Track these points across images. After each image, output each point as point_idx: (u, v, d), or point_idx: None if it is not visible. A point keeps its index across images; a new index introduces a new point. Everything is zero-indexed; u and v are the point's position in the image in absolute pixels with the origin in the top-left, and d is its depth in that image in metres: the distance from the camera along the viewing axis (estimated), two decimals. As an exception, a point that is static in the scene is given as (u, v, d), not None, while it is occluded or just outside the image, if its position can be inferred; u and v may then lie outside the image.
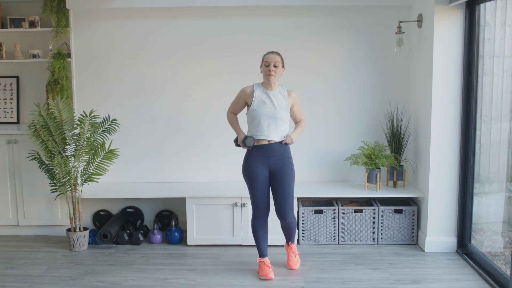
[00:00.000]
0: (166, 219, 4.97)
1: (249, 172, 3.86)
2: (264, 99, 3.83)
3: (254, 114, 3.82)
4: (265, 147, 3.82)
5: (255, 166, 3.84)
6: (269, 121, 3.79)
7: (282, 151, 3.85)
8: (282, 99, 3.87)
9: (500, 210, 4.51)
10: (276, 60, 3.79)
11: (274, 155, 3.83)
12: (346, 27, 4.80)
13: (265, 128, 3.79)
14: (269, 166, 3.84)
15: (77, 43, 4.84)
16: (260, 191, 3.86)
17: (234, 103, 3.98)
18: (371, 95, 4.88)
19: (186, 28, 4.83)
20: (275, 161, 3.83)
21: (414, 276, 3.94)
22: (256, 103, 3.83)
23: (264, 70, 3.82)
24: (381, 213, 4.56)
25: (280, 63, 3.82)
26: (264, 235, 3.98)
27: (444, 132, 4.27)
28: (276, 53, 3.86)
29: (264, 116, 3.79)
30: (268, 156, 3.83)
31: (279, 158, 3.84)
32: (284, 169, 3.84)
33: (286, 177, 3.85)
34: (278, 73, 3.82)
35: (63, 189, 4.41)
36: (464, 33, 4.15)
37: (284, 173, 3.84)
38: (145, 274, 4.01)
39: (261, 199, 3.88)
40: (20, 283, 3.89)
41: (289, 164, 3.88)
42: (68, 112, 4.37)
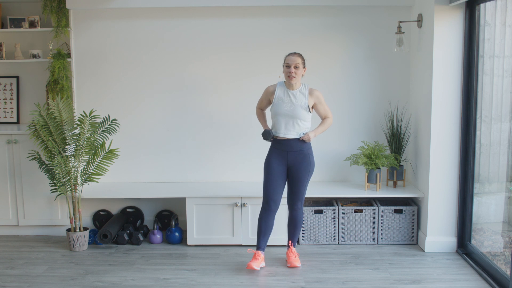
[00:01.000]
0: (166, 219, 4.97)
1: (267, 164, 4.07)
2: (284, 97, 4.00)
3: (273, 111, 4.02)
4: (283, 142, 4.00)
5: (273, 159, 4.04)
6: (287, 119, 3.96)
7: (301, 147, 4.00)
8: (302, 98, 3.99)
9: (500, 210, 4.51)
10: (297, 62, 3.95)
11: (292, 151, 3.99)
12: (346, 27, 4.80)
13: (283, 126, 3.97)
14: (287, 161, 4.02)
15: (77, 43, 4.84)
16: (272, 183, 4.02)
17: (260, 100, 4.22)
18: (371, 95, 4.88)
19: (186, 28, 4.83)
20: (293, 156, 4.00)
21: (414, 276, 3.95)
22: (276, 102, 4.01)
23: (285, 71, 3.99)
24: (381, 213, 4.56)
25: (301, 64, 3.97)
26: (266, 230, 4.07)
27: (444, 132, 4.27)
28: (297, 54, 4.00)
29: (282, 114, 3.97)
30: (287, 151, 4.01)
31: (298, 153, 4.00)
32: (302, 164, 4.01)
33: (301, 172, 4.01)
34: (298, 74, 3.97)
35: (63, 189, 4.41)
36: (464, 33, 4.15)
37: (300, 168, 4.01)
38: (145, 274, 4.01)
39: (271, 191, 4.03)
40: (20, 283, 3.89)
41: (307, 160, 4.03)
42: (68, 112, 4.37)
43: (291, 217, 4.14)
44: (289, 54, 4.01)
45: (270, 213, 4.05)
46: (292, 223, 4.15)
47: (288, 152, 3.99)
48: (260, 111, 4.24)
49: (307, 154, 4.02)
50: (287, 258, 4.14)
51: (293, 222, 4.14)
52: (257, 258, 4.04)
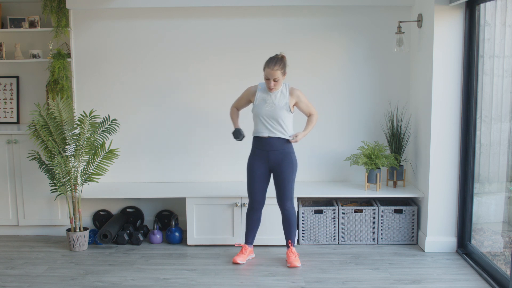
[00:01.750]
0: (166, 219, 4.97)
1: (249, 166, 4.13)
2: (265, 98, 4.03)
3: (255, 112, 4.06)
4: (264, 142, 4.02)
5: (255, 160, 4.10)
6: (268, 119, 4.00)
7: (282, 146, 4.04)
8: (283, 98, 4.02)
9: (500, 210, 4.51)
10: (276, 76, 3.93)
11: (273, 150, 4.03)
12: (346, 27, 4.80)
13: (265, 126, 4.01)
14: (269, 161, 4.05)
15: (77, 43, 4.84)
16: (256, 184, 4.11)
17: (238, 99, 4.25)
18: (371, 95, 4.88)
19: (187, 28, 4.83)
20: (274, 155, 4.04)
21: (414, 276, 3.95)
22: (257, 102, 4.04)
23: (266, 82, 4.01)
24: (381, 213, 4.56)
25: (281, 76, 3.95)
26: (252, 225, 4.22)
27: (444, 132, 4.27)
28: (277, 66, 3.91)
29: (263, 115, 4.00)
30: (267, 151, 4.03)
31: (279, 153, 4.04)
32: (284, 163, 4.05)
33: (285, 171, 4.05)
34: (278, 85, 4.00)
35: (63, 189, 4.41)
36: (464, 33, 4.15)
37: (283, 167, 4.05)
38: (145, 274, 4.01)
39: (255, 191, 4.13)
40: (20, 283, 3.89)
41: (290, 158, 4.06)
42: (68, 112, 4.38)
43: (284, 217, 4.17)
44: (268, 65, 3.92)
45: (256, 212, 4.19)
46: (286, 223, 4.17)
47: (269, 152, 4.03)
48: (235, 110, 4.26)
49: (289, 152, 4.06)
50: (287, 258, 4.14)
51: (287, 222, 4.16)
52: (244, 253, 4.21)
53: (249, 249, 4.24)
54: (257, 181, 4.10)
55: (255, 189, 4.12)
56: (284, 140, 4.03)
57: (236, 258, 4.17)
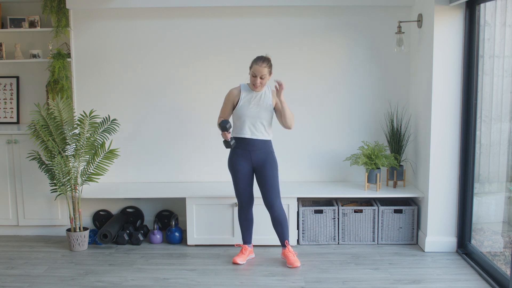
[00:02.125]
0: (166, 219, 4.97)
1: (232, 166, 4.11)
2: (250, 99, 4.02)
3: (239, 113, 4.02)
4: (247, 141, 4.03)
5: (238, 160, 4.07)
6: (252, 120, 4.00)
7: (264, 146, 4.06)
8: (267, 99, 4.04)
9: (500, 210, 4.51)
10: (263, 73, 3.92)
11: (256, 150, 4.04)
12: (346, 27, 4.80)
13: (249, 127, 4.01)
14: (252, 161, 4.06)
15: (77, 43, 4.84)
16: (242, 184, 4.12)
17: (223, 108, 4.13)
18: (371, 95, 4.88)
19: (187, 28, 4.83)
20: (257, 155, 4.05)
21: (414, 276, 3.95)
22: (242, 103, 4.02)
23: (251, 79, 3.99)
24: (381, 213, 4.56)
25: (267, 74, 3.95)
26: (247, 225, 4.24)
27: (444, 132, 4.27)
28: (265, 63, 3.93)
29: (248, 116, 4.00)
30: (250, 151, 4.04)
31: (261, 152, 4.06)
32: (267, 162, 4.06)
33: (270, 169, 4.06)
34: (264, 84, 3.99)
35: (63, 189, 4.41)
36: (464, 33, 4.15)
37: (267, 166, 4.06)
38: (145, 274, 4.01)
39: (243, 191, 4.14)
40: (20, 283, 3.89)
41: (272, 157, 4.10)
42: (68, 112, 4.38)
43: (274, 218, 4.12)
44: (257, 61, 3.94)
45: (247, 210, 4.20)
46: (277, 223, 4.13)
47: (251, 152, 4.03)
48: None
49: (270, 151, 4.09)
50: (286, 259, 4.14)
51: (277, 221, 4.13)
52: (243, 253, 4.22)
53: (248, 249, 4.25)
54: (243, 180, 4.10)
55: (242, 188, 4.12)
56: (266, 141, 4.05)
57: (236, 259, 4.18)
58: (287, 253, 4.14)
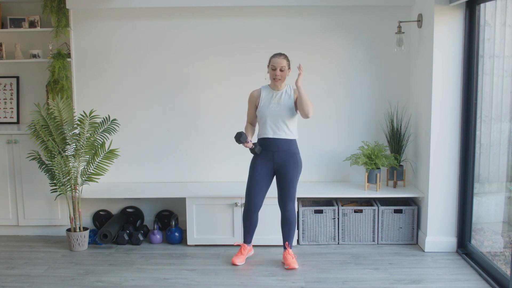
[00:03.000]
0: (166, 219, 4.97)
1: (252, 165, 4.10)
2: (270, 99, 4.03)
3: (261, 113, 4.03)
4: (269, 141, 4.01)
5: (259, 161, 4.06)
6: (274, 119, 3.99)
7: (287, 147, 4.01)
8: (288, 98, 4.03)
9: (500, 210, 4.51)
10: (282, 65, 3.96)
11: (278, 151, 4.01)
12: (346, 27, 4.80)
13: (271, 127, 3.99)
14: (274, 162, 4.03)
15: (77, 43, 4.84)
16: (255, 186, 4.07)
17: (248, 112, 4.19)
18: (371, 95, 4.88)
19: (187, 28, 4.83)
20: (279, 156, 4.02)
21: (414, 276, 3.95)
22: (263, 104, 4.03)
23: (271, 73, 4.00)
24: (381, 213, 4.56)
25: (286, 66, 3.99)
26: (250, 227, 4.19)
27: (444, 132, 4.27)
28: (283, 56, 4.00)
29: (269, 115, 3.99)
30: (272, 151, 4.01)
31: (285, 153, 4.02)
32: (289, 163, 4.02)
33: (290, 172, 4.02)
34: (284, 76, 3.99)
35: (63, 189, 4.41)
36: (464, 33, 4.15)
37: (288, 168, 4.02)
38: (145, 274, 4.01)
39: (253, 194, 4.08)
40: (20, 283, 3.89)
41: (295, 159, 4.04)
42: (68, 112, 4.38)
43: (284, 218, 4.13)
44: (274, 55, 4.00)
45: (253, 213, 4.14)
46: (286, 224, 4.14)
47: (274, 153, 4.01)
48: (248, 125, 4.17)
49: (294, 153, 4.04)
50: (284, 260, 4.13)
51: (286, 223, 4.13)
52: (242, 253, 4.19)
53: (248, 248, 4.24)
54: (257, 182, 4.05)
55: (254, 191, 4.07)
56: (289, 140, 4.02)
57: (234, 260, 4.16)
58: (286, 255, 4.13)
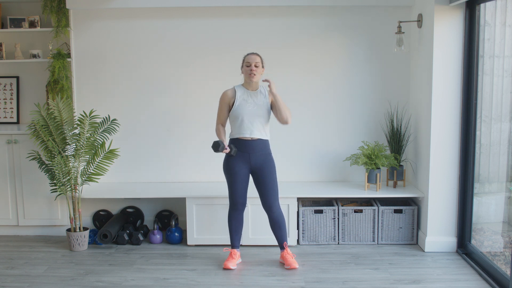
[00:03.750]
0: (166, 219, 4.97)
1: (230, 168, 4.04)
2: (246, 98, 4.01)
3: (237, 113, 3.98)
4: (246, 143, 3.99)
5: (236, 162, 4.02)
6: (252, 119, 3.97)
7: (263, 147, 4.02)
8: (263, 98, 4.03)
9: (500, 210, 4.51)
10: (257, 61, 3.97)
11: (255, 152, 4.00)
12: (346, 27, 4.80)
13: (248, 126, 3.97)
14: (250, 163, 4.02)
15: (77, 43, 4.84)
16: (239, 187, 4.05)
17: (219, 113, 4.10)
18: (371, 95, 4.88)
19: (187, 28, 4.83)
20: (255, 158, 4.01)
21: (414, 276, 3.95)
22: (239, 103, 3.99)
23: (246, 70, 3.99)
24: (381, 213, 4.56)
25: (260, 63, 3.99)
26: (237, 227, 4.16)
27: (444, 132, 4.27)
28: (256, 54, 4.03)
29: (246, 115, 3.97)
30: (249, 153, 4.00)
31: (260, 155, 4.02)
32: (266, 164, 4.04)
33: (269, 172, 4.03)
34: (258, 73, 3.98)
35: (63, 189, 4.41)
36: (464, 33, 4.15)
37: (266, 168, 4.03)
38: (145, 274, 4.01)
39: (239, 194, 4.07)
40: (20, 283, 3.89)
41: (270, 159, 4.07)
42: (68, 112, 4.38)
43: (273, 220, 4.09)
44: (248, 53, 4.03)
45: (240, 213, 4.13)
46: (277, 225, 4.10)
47: (250, 154, 3.99)
48: (219, 127, 4.09)
49: (268, 153, 4.06)
50: (284, 260, 4.12)
51: (277, 224, 4.10)
52: (233, 257, 4.13)
53: (237, 253, 4.17)
54: (240, 182, 4.03)
55: (239, 190, 4.04)
56: (264, 141, 4.02)
57: (227, 264, 4.09)
58: (286, 255, 4.12)
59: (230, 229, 4.16)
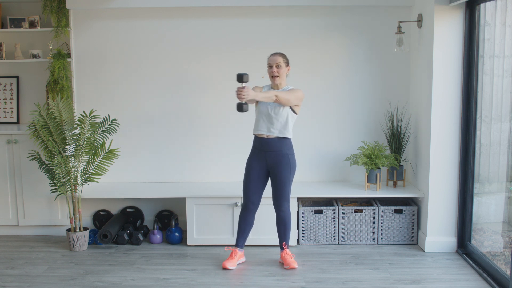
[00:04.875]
0: (166, 219, 4.97)
1: (247, 164, 4.12)
2: None
3: (259, 110, 4.05)
4: (263, 142, 4.01)
5: (253, 159, 4.08)
6: (268, 118, 3.98)
7: (280, 146, 4.01)
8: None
9: (500, 210, 4.51)
10: (278, 61, 3.97)
11: (271, 151, 4.01)
12: (346, 27, 4.80)
13: (265, 125, 4.00)
14: (267, 161, 4.04)
15: (77, 43, 4.84)
16: (251, 183, 4.08)
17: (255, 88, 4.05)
18: (371, 95, 4.88)
19: (187, 28, 4.83)
20: (272, 156, 4.02)
21: (414, 276, 3.95)
22: (260, 102, 4.02)
23: (268, 72, 4.03)
24: (381, 213, 4.56)
25: (283, 63, 4.00)
26: (245, 228, 4.17)
27: (444, 132, 4.27)
28: (279, 54, 4.02)
29: (264, 114, 4.00)
30: (265, 151, 4.03)
31: (276, 154, 4.01)
32: (281, 164, 4.02)
33: (282, 172, 4.01)
34: (281, 73, 3.99)
35: (63, 189, 4.41)
36: (464, 33, 4.16)
37: (280, 168, 4.02)
38: (145, 274, 4.01)
39: (250, 191, 4.09)
40: (20, 283, 3.89)
41: (287, 159, 4.02)
42: (68, 112, 4.38)
43: (279, 218, 4.12)
44: (271, 54, 4.04)
45: (249, 212, 4.14)
46: (281, 224, 4.12)
47: (266, 152, 4.01)
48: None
49: (286, 154, 4.02)
50: (284, 261, 4.12)
51: (282, 223, 4.12)
52: (233, 257, 4.13)
53: (239, 253, 4.17)
54: (253, 180, 4.07)
55: (250, 188, 4.08)
56: (282, 139, 4.00)
57: (225, 264, 4.09)
58: (285, 255, 4.12)
59: (238, 228, 4.20)
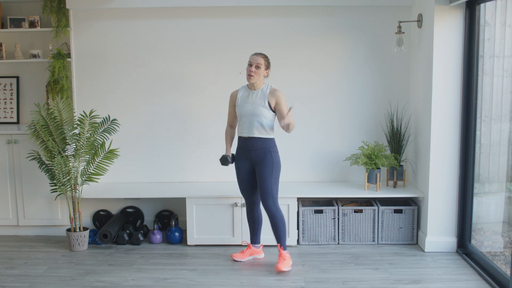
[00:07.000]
0: (166, 219, 4.97)
1: (235, 165, 4.18)
2: (246, 98, 4.05)
3: (238, 113, 4.07)
4: (246, 141, 4.04)
5: (239, 159, 4.13)
6: (250, 118, 4.00)
7: (262, 145, 4.03)
8: (262, 96, 4.01)
9: (500, 210, 4.51)
10: (259, 62, 3.98)
11: (254, 149, 4.04)
12: (346, 27, 4.80)
13: (247, 125, 4.02)
14: (251, 160, 4.07)
15: (77, 43, 4.84)
16: (243, 183, 4.16)
17: (228, 113, 4.25)
18: (371, 95, 4.88)
19: (186, 28, 4.83)
20: (255, 155, 4.04)
21: (414, 276, 3.95)
22: (239, 102, 4.07)
23: (247, 70, 4.02)
24: (381, 213, 4.56)
25: (263, 65, 3.99)
26: (251, 225, 4.27)
27: (444, 132, 4.27)
28: (262, 55, 4.02)
29: (245, 114, 4.02)
30: (249, 150, 4.05)
31: (260, 152, 4.04)
32: (263, 162, 4.02)
33: (264, 170, 4.01)
34: (259, 74, 3.99)
35: (63, 189, 4.41)
36: (464, 33, 4.16)
37: (263, 166, 4.02)
38: (145, 274, 4.02)
39: (244, 190, 4.18)
40: (20, 283, 3.89)
41: (270, 157, 4.04)
42: (68, 112, 4.38)
43: (269, 217, 4.07)
44: (253, 53, 4.04)
45: (250, 209, 4.22)
46: (272, 224, 4.07)
47: (250, 151, 4.04)
48: (229, 129, 4.22)
49: (269, 151, 4.03)
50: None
51: (272, 223, 4.07)
52: (244, 251, 4.25)
53: (251, 250, 4.24)
54: (243, 180, 4.13)
55: (243, 188, 4.16)
56: (264, 139, 4.00)
57: (234, 255, 4.21)
58: (279, 257, 4.11)
59: (248, 226, 4.31)
